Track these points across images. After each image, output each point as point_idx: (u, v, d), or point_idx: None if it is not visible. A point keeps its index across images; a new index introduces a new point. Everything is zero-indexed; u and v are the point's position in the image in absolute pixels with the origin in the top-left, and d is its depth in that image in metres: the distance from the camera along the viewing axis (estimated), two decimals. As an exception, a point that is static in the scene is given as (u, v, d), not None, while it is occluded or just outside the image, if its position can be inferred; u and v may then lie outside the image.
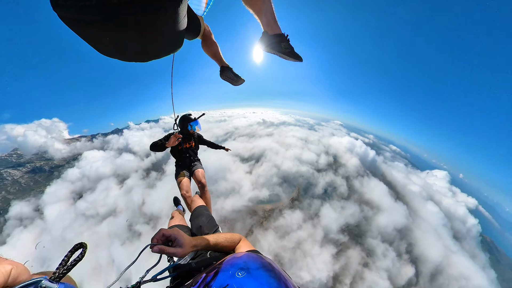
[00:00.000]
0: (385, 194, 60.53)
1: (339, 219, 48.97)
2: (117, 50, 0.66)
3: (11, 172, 61.22)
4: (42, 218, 54.84)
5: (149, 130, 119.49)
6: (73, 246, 0.51)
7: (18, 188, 59.48)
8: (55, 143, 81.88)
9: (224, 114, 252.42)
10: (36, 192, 59.56)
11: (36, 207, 56.59)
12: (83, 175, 65.12)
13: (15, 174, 61.40)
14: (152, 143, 2.56)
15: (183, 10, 0.66)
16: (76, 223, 51.62)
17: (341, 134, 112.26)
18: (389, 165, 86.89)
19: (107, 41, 0.60)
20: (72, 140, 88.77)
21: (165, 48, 0.77)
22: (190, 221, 1.81)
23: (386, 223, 53.10)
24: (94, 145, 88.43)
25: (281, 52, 1.25)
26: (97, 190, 60.17)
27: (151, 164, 70.13)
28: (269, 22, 1.21)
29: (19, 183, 60.41)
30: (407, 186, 71.89)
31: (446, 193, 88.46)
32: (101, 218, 53.17)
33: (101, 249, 45.01)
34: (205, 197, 2.57)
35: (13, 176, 60.61)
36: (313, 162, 72.33)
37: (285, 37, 1.25)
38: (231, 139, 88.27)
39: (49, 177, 64.59)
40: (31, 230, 52.96)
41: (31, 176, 63.40)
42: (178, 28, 0.70)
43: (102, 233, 49.74)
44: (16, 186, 59.70)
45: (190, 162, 2.82)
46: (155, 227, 49.26)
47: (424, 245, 49.11)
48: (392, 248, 48.31)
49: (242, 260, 0.50)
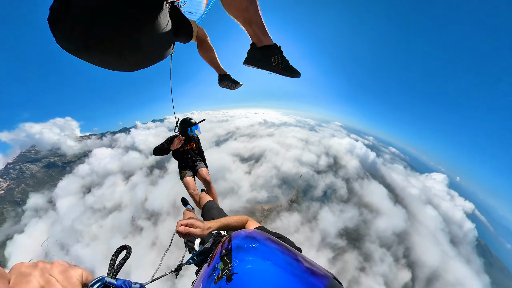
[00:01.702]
0: (384, 197, 59.38)
1: (337, 222, 48.51)
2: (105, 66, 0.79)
3: (30, 166, 66.57)
4: (55, 210, 59.19)
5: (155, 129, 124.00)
6: (117, 248, 0.61)
7: (35, 181, 64.54)
8: (67, 141, 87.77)
9: (227, 114, 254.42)
10: (50, 186, 64.35)
11: (50, 199, 61.19)
12: (92, 171, 69.30)
13: (33, 168, 66.67)
14: (155, 148, 2.59)
15: (160, 23, 0.73)
16: (84, 215, 55.07)
17: (341, 135, 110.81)
18: (388, 167, 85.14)
19: (95, 61, 0.75)
20: (83, 138, 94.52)
21: (151, 58, 0.85)
22: (202, 216, 1.97)
23: (385, 227, 52.09)
24: (103, 143, 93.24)
25: (272, 68, 1.11)
26: (105, 185, 63.81)
27: (155, 162, 73.10)
28: (256, 32, 1.04)
29: (36, 176, 65.52)
30: (406, 189, 70.12)
31: (444, 196, 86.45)
32: (108, 212, 56.39)
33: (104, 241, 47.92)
34: (212, 193, 2.67)
35: (31, 170, 65.87)
36: (313, 163, 71.85)
37: (276, 49, 1.08)
38: (232, 139, 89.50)
39: (61, 172, 69.42)
40: (45, 221, 57.36)
41: (46, 171, 68.50)
42: (160, 38, 0.78)
43: (107, 226, 52.79)
44: (34, 180, 64.81)
45: (193, 162, 2.88)
46: (155, 223, 51.52)
47: (422, 250, 47.93)
48: (390, 252, 47.41)
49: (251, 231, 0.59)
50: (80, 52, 0.69)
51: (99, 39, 0.64)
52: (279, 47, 1.08)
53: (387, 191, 62.23)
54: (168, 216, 52.61)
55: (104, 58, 0.73)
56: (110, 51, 0.70)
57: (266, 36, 1.06)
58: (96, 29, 0.62)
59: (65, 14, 0.62)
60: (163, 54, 0.93)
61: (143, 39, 0.73)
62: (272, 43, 1.07)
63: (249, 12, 0.95)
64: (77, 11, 0.61)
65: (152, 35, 0.73)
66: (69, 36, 0.63)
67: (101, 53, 0.70)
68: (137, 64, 0.85)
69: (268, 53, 1.06)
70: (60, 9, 0.63)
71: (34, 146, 75.01)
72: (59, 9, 0.63)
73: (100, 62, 0.77)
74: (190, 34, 1.45)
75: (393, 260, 45.61)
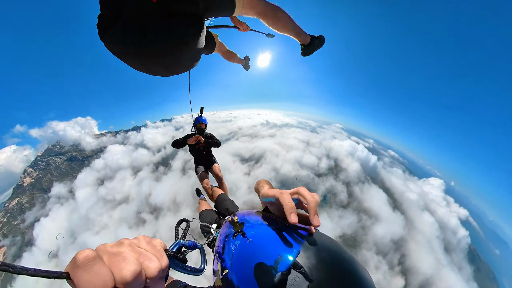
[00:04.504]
0: (384, 203, 57.12)
1: (335, 230, 47.79)
2: (147, 71, 0.91)
3: (55, 159, 75.58)
4: (74, 199, 66.59)
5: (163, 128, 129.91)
6: (178, 221, 0.81)
7: (59, 172, 73.14)
8: (86, 137, 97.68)
9: (231, 114, 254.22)
10: (71, 177, 72.44)
11: (70, 189, 68.99)
12: (106, 165, 76.28)
13: (57, 161, 75.57)
14: (174, 141, 2.85)
15: (202, 38, 0.86)
16: (97, 205, 61.00)
17: (342, 137, 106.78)
18: (388, 171, 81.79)
19: (138, 66, 0.87)
20: (100, 135, 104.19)
21: (185, 67, 0.99)
22: (215, 207, 2.22)
23: (383, 234, 50.30)
24: (117, 140, 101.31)
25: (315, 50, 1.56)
26: (116, 179, 69.93)
27: (161, 159, 78.01)
28: (302, 38, 1.43)
29: (60, 168, 74.19)
30: (404, 194, 67.03)
31: (440, 202, 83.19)
32: (117, 204, 61.85)
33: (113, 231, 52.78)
34: (223, 188, 2.89)
35: (56, 163, 74.77)
36: (314, 166, 70.84)
37: (314, 39, 1.50)
38: (234, 139, 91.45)
39: (81, 165, 77.57)
40: (66, 208, 64.86)
41: (68, 163, 77.14)
42: (197, 52, 0.91)
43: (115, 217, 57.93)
44: (58, 171, 73.48)
45: (206, 159, 3.09)
46: (157, 217, 55.39)
47: (417, 257, 45.99)
48: (385, 260, 45.83)
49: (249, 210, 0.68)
50: (128, 57, 0.79)
51: (149, 50, 0.74)
52: (314, 36, 1.53)
53: (386, 196, 59.75)
54: (169, 212, 56.24)
55: (148, 65, 0.85)
56: (156, 61, 0.82)
57: (307, 36, 1.47)
58: (148, 40, 0.71)
59: (116, 22, 0.72)
60: (194, 64, 1.07)
61: (186, 53, 0.83)
62: (310, 37, 1.51)
63: (294, 28, 1.32)
64: (130, 22, 0.71)
65: (194, 49, 0.85)
66: (121, 42, 0.72)
67: (148, 61, 0.81)
68: (173, 72, 0.98)
69: (312, 45, 1.53)
70: (110, 17, 0.73)
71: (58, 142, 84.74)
72: (109, 17, 0.73)
73: (143, 67, 0.87)
74: (213, 47, 1.77)
75: (388, 268, 44.07)
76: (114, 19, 0.72)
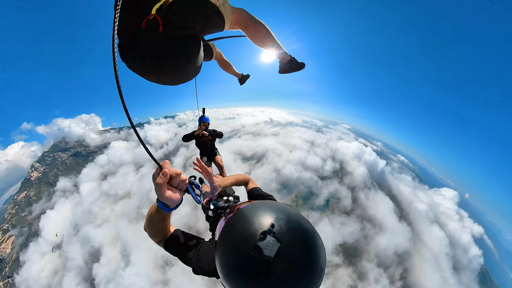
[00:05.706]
0: (390, 212, 53.85)
1: (336, 237, 45.23)
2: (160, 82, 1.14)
3: (61, 154, 77.64)
4: (78, 192, 68.37)
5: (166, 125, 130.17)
6: (190, 176, 0.99)
7: (64, 167, 75.15)
8: (91, 134, 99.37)
9: (234, 112, 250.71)
10: (76, 172, 74.29)
11: (75, 183, 70.80)
12: (109, 161, 77.42)
13: (63, 156, 77.61)
14: (184, 135, 3.37)
15: (201, 53, 1.10)
16: (100, 200, 62.22)
17: (349, 138, 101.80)
18: (396, 177, 76.77)
19: (154, 80, 1.11)
20: (104, 132, 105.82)
21: (190, 77, 1.22)
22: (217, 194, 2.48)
23: (387, 245, 47.48)
24: (120, 136, 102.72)
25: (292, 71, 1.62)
26: (118, 174, 70.89)
27: (163, 155, 78.16)
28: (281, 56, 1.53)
29: (65, 163, 76.20)
30: (413, 203, 62.44)
31: (453, 215, 75.80)
32: (119, 198, 62.80)
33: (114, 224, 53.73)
34: (223, 175, 3.25)
35: (61, 158, 76.82)
36: (318, 168, 67.81)
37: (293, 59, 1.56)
38: (236, 137, 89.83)
39: (85, 160, 79.32)
40: (71, 201, 66.78)
41: (73, 159, 79.09)
42: (199, 64, 1.14)
43: (117, 211, 58.91)
44: (63, 166, 75.51)
45: (210, 151, 3.57)
46: (156, 212, 55.65)
47: (421, 273, 43.18)
48: (386, 274, 43.49)
49: None
50: (145, 74, 1.02)
51: (163, 68, 0.95)
52: (294, 58, 1.56)
53: (393, 204, 56.38)
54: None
55: (163, 79, 1.08)
56: (169, 75, 1.05)
57: (287, 55, 1.52)
58: (162, 60, 0.91)
59: (131, 47, 0.94)
60: (197, 73, 1.27)
61: (191, 67, 1.07)
62: (290, 57, 1.54)
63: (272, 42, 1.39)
64: (146, 48, 0.93)
65: (196, 63, 1.07)
66: (141, 65, 0.94)
67: (163, 76, 1.04)
68: (181, 82, 1.20)
69: (291, 65, 1.56)
70: (127, 43, 0.96)
71: (64, 138, 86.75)
72: (127, 44, 0.96)
73: (158, 80, 1.10)
74: (211, 56, 2.08)
75: (388, 282, 41.90)
76: (130, 45, 0.95)
